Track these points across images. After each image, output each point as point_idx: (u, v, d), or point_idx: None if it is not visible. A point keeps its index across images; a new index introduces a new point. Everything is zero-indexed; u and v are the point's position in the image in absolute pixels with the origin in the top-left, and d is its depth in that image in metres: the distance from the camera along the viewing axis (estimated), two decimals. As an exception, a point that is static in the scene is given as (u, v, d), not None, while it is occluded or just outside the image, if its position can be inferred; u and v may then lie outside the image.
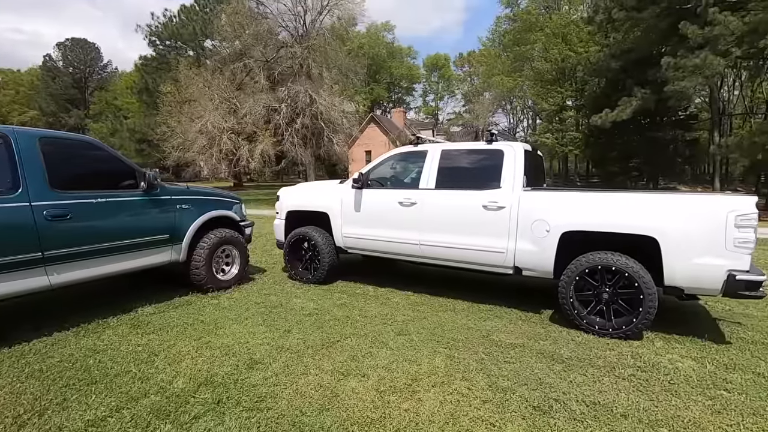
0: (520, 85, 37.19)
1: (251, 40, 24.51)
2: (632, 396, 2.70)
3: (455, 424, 2.38)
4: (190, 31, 35.63)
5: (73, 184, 3.84)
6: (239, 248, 5.36)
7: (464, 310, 4.53)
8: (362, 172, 5.22)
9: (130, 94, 44.81)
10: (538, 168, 5.32)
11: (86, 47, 58.49)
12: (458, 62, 63.84)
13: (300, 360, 3.22)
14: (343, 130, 25.27)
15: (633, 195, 3.91)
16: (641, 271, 3.61)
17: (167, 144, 24.51)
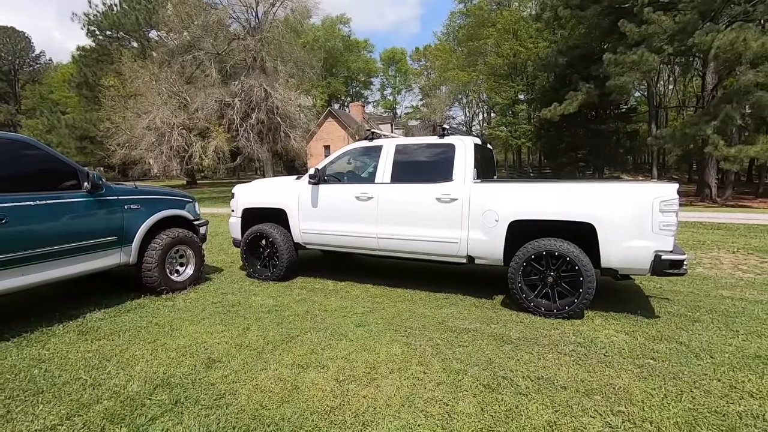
0: (474, 80, 38.16)
1: (200, 31, 23.56)
2: (572, 369, 2.94)
3: (411, 405, 2.51)
4: (132, 20, 33.63)
5: (7, 186, 3.62)
6: (194, 248, 5.24)
7: (422, 299, 4.69)
8: (318, 168, 5.24)
9: (68, 88, 41.72)
10: (489, 161, 5.55)
11: (15, 36, 53.92)
12: (415, 56, 64.42)
13: (259, 356, 3.24)
14: (300, 125, 24.90)
15: (572, 185, 4.20)
16: (581, 255, 3.90)
17: (112, 141, 23.18)
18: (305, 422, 2.36)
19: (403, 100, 69.08)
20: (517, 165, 44.09)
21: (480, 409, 2.46)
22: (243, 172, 44.70)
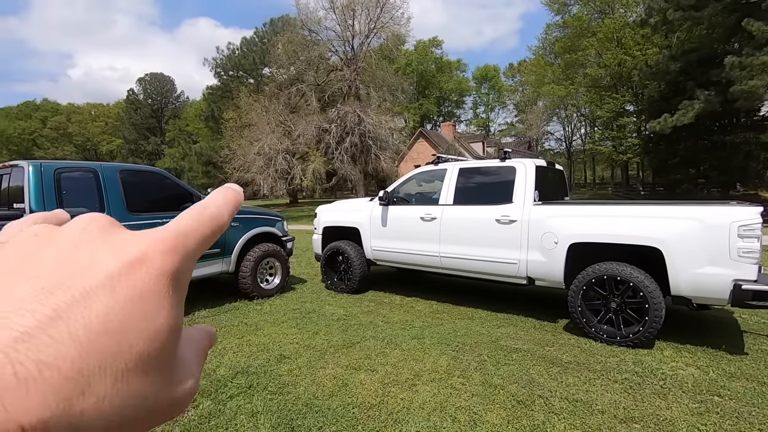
0: (572, 93, 36.08)
1: (304, 65, 26.25)
2: (616, 396, 2.88)
3: (442, 411, 2.73)
4: (250, 61, 38.65)
5: (145, 207, 4.69)
6: (281, 261, 6.02)
7: (481, 317, 4.80)
8: (387, 190, 5.70)
9: (199, 121, 49.13)
10: (557, 182, 5.49)
11: (163, 80, 65.10)
12: (509, 72, 63.09)
13: (321, 357, 3.71)
14: (389, 147, 26.05)
15: (637, 206, 4.02)
16: (646, 281, 3.72)
17: (229, 165, 26.64)
18: (346, 413, 2.73)
19: (496, 117, 67.81)
20: (625, 182, 40.14)
21: (507, 421, 2.59)
22: (340, 191, 47.71)
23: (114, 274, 0.20)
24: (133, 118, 61.23)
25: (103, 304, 0.19)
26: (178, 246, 0.22)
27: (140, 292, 0.20)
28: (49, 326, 0.17)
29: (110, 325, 0.18)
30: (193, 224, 0.23)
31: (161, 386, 0.21)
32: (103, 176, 4.37)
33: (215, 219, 0.24)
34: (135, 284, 0.20)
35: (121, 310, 0.19)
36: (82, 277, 0.19)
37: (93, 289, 0.19)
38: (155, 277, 0.20)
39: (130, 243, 0.21)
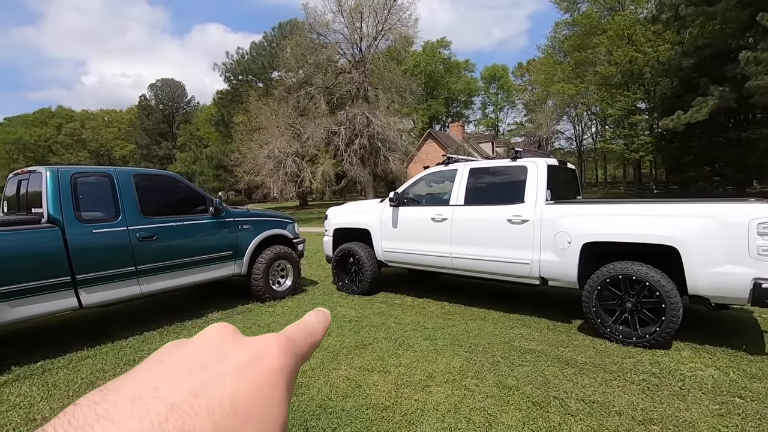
0: (582, 92, 35.71)
1: (312, 69, 26.40)
2: (634, 398, 2.83)
3: (456, 412, 2.71)
4: (259, 65, 38.95)
5: (158, 210, 4.75)
6: (292, 263, 6.05)
7: (494, 319, 4.77)
8: (398, 191, 5.70)
9: (209, 125, 49.63)
10: (569, 181, 5.43)
11: (174, 86, 65.91)
12: (517, 72, 62.71)
13: (334, 358, 3.72)
14: (398, 149, 26.05)
15: (652, 205, 3.96)
16: (663, 280, 3.66)
17: (240, 169, 26.87)
18: (360, 415, 2.73)
19: (505, 117, 67.40)
20: (637, 181, 39.58)
21: (522, 423, 2.56)
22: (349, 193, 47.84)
23: (241, 364, 0.24)
24: (145, 124, 62.08)
25: (233, 387, 0.23)
26: (289, 347, 0.27)
27: (261, 382, 0.24)
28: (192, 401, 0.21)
29: (237, 407, 0.22)
30: (298, 332, 0.29)
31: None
32: (117, 180, 4.44)
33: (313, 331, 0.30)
34: (257, 374, 0.24)
35: (246, 394, 0.23)
36: (217, 365, 0.24)
37: (225, 375, 0.23)
38: (272, 371, 0.25)
39: (253, 342, 0.26)
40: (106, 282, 4.20)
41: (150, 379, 0.22)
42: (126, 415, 0.19)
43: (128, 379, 0.22)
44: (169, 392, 0.21)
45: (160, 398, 0.20)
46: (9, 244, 3.63)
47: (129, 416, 0.19)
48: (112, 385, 0.21)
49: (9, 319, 3.59)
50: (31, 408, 3.01)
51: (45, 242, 3.83)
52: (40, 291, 3.74)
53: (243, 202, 39.20)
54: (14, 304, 3.60)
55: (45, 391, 3.27)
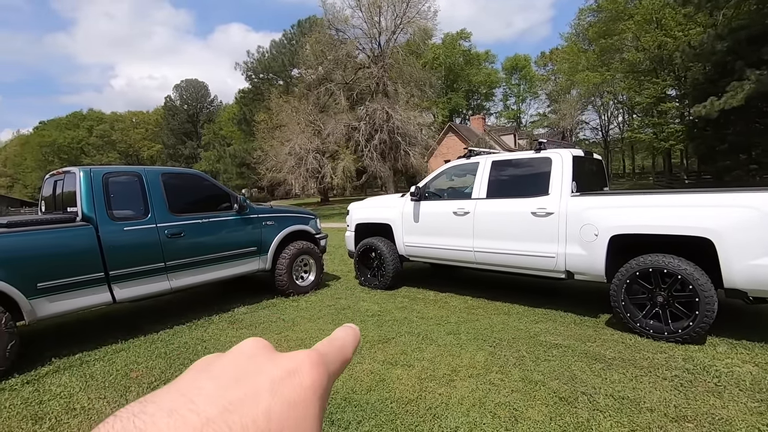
0: (608, 80, 34.60)
1: (332, 65, 26.48)
2: (667, 394, 2.75)
3: (481, 406, 2.69)
4: (279, 63, 39.37)
5: (185, 208, 4.87)
6: (315, 258, 6.12)
7: (518, 313, 4.70)
8: (419, 186, 5.67)
9: (232, 124, 50.55)
10: (595, 172, 5.28)
11: (197, 86, 67.32)
12: (540, 61, 61.29)
13: (358, 352, 3.72)
14: (419, 143, 25.90)
15: (684, 195, 3.81)
16: (696, 273, 3.53)
17: (262, 166, 27.29)
18: (384, 408, 2.74)
19: (528, 108, 66.06)
20: (667, 171, 38.17)
21: (549, 418, 2.52)
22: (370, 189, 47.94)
23: (276, 380, 0.25)
24: (171, 124, 63.71)
25: (267, 403, 0.23)
26: (321, 363, 0.27)
27: (295, 399, 0.24)
28: (227, 416, 0.21)
29: (271, 424, 0.22)
30: (329, 348, 0.30)
31: None
32: (146, 179, 4.57)
33: (343, 347, 0.31)
34: (291, 391, 0.24)
35: (280, 411, 0.23)
36: (252, 380, 0.24)
37: (259, 391, 0.24)
38: (306, 388, 0.25)
39: (287, 358, 0.27)
40: (137, 278, 4.34)
41: (187, 392, 0.22)
42: (163, 428, 0.20)
43: (166, 392, 0.22)
44: (206, 407, 0.22)
45: (196, 412, 0.21)
46: (47, 242, 3.80)
47: (165, 428, 0.20)
48: (151, 398, 0.22)
49: (48, 313, 3.76)
50: (71, 398, 3.16)
51: (80, 240, 3.99)
52: (76, 287, 3.91)
53: (265, 198, 39.85)
54: (53, 299, 3.77)
55: (83, 382, 3.42)
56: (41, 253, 3.74)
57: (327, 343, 0.30)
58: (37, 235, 3.79)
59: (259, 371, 0.25)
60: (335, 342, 0.31)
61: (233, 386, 0.24)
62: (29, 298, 3.61)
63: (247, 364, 0.26)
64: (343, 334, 0.32)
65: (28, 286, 3.60)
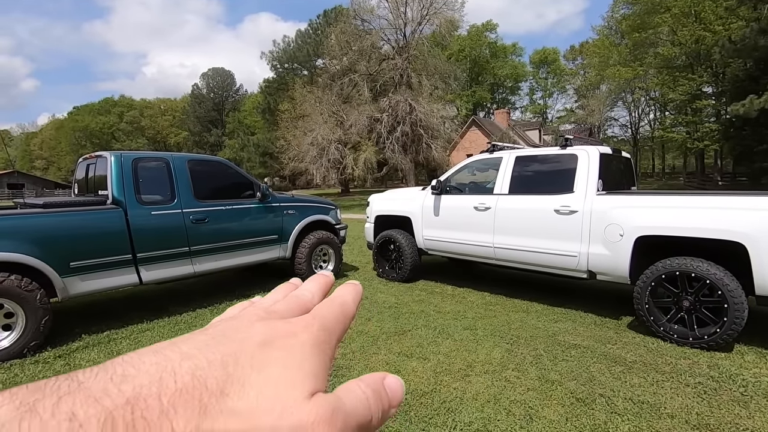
0: (640, 75, 33.39)
1: (356, 55, 26.42)
2: (689, 401, 2.68)
3: (496, 403, 2.69)
4: (304, 53, 39.51)
5: (209, 195, 4.98)
6: (334, 248, 6.18)
7: (537, 311, 4.65)
8: (440, 179, 5.63)
9: (256, 114, 51.16)
10: (623, 171, 5.14)
11: (224, 75, 68.34)
12: (569, 55, 59.63)
13: (374, 343, 3.78)
14: (441, 136, 25.67)
15: (716, 197, 3.67)
16: (726, 279, 3.41)
17: (284, 156, 27.61)
18: (399, 399, 2.76)
19: (554, 103, 64.53)
20: (699, 171, 36.73)
21: (565, 418, 2.50)
22: (390, 181, 47.89)
23: (268, 337, 0.25)
24: (197, 112, 64.94)
25: (253, 349, 0.24)
26: (316, 324, 0.27)
27: (285, 347, 0.25)
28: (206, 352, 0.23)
29: (254, 361, 0.23)
30: (329, 309, 0.30)
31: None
32: (173, 166, 4.69)
33: (343, 303, 0.31)
34: (283, 343, 0.25)
35: (267, 355, 0.24)
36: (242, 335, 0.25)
37: (248, 340, 0.24)
38: (300, 343, 0.25)
39: (285, 323, 0.27)
40: (163, 261, 4.48)
41: (177, 341, 0.24)
42: (146, 361, 0.22)
43: (159, 343, 0.24)
44: (189, 347, 0.23)
45: (178, 351, 0.22)
46: (79, 224, 3.96)
47: (148, 362, 0.22)
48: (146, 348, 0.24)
49: (79, 291, 3.93)
50: (99, 373, 3.30)
51: (110, 223, 4.13)
52: (105, 267, 4.06)
53: (287, 188, 40.32)
54: (84, 279, 3.93)
55: (110, 359, 3.56)
56: (74, 233, 3.89)
57: (327, 304, 0.30)
58: (70, 217, 3.95)
59: (253, 330, 0.26)
60: (335, 300, 0.31)
61: (222, 338, 0.24)
62: (62, 276, 3.77)
63: (245, 325, 0.26)
64: (342, 291, 0.32)
65: (61, 265, 3.76)
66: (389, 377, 0.28)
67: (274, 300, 0.32)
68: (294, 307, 0.30)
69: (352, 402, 0.25)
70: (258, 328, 0.26)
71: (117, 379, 0.20)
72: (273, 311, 0.29)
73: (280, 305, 0.30)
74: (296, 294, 0.32)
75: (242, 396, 0.21)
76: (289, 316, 0.28)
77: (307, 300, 0.31)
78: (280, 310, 0.29)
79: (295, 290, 0.33)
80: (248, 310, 0.29)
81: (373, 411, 0.26)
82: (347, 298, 0.31)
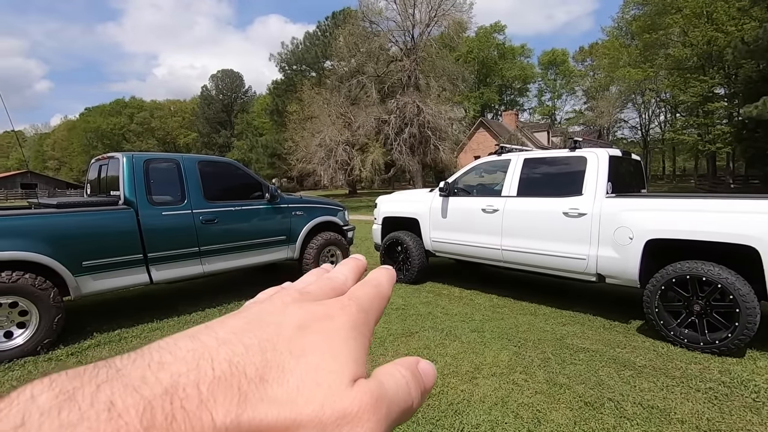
0: (651, 77, 33.07)
1: (364, 57, 26.48)
2: (699, 406, 2.65)
3: (503, 406, 2.68)
4: (312, 55, 39.69)
5: (219, 195, 5.03)
6: (342, 249, 6.20)
7: (545, 314, 4.62)
8: (448, 181, 5.63)
9: (264, 115, 51.47)
10: (633, 173, 5.10)
11: (233, 76, 68.86)
12: (578, 56, 59.24)
13: (381, 344, 3.79)
14: (449, 138, 25.62)
15: (727, 200, 3.62)
16: (738, 283, 3.37)
17: (292, 157, 27.72)
18: (407, 401, 2.77)
19: (563, 105, 64.11)
20: (711, 174, 36.27)
21: (573, 422, 2.48)
22: (398, 182, 47.88)
23: (304, 320, 0.25)
24: (206, 113, 65.50)
25: (290, 332, 0.24)
26: (353, 305, 0.27)
27: (322, 332, 0.24)
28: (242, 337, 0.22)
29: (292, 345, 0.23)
30: (364, 290, 0.29)
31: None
32: (184, 167, 4.74)
33: (379, 284, 0.31)
34: (320, 326, 0.24)
35: (304, 339, 0.23)
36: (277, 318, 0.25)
37: (284, 324, 0.24)
38: (337, 327, 0.25)
39: (320, 305, 0.27)
40: (173, 260, 4.53)
41: (212, 325, 0.24)
42: (182, 347, 0.21)
43: (196, 328, 0.24)
44: (225, 332, 0.22)
45: (214, 337, 0.22)
46: (92, 224, 4.02)
47: (184, 348, 0.21)
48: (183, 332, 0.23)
49: (92, 290, 3.99)
50: (110, 371, 3.34)
51: (121, 223, 4.19)
52: (117, 266, 4.12)
53: (295, 189, 40.53)
54: (96, 278, 3.99)
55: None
56: (87, 233, 3.96)
57: (362, 285, 0.30)
58: (83, 217, 4.01)
59: (288, 312, 0.25)
60: (371, 281, 0.31)
61: (257, 321, 0.24)
62: (75, 275, 3.83)
63: (279, 308, 0.26)
64: (377, 274, 0.32)
65: (74, 264, 3.82)
66: (422, 362, 0.28)
67: (307, 283, 0.31)
68: (328, 290, 0.29)
69: (393, 387, 0.24)
70: (293, 310, 0.25)
71: (154, 367, 0.20)
72: (307, 293, 0.28)
73: (312, 287, 0.29)
74: (329, 276, 0.32)
75: (282, 383, 0.21)
76: (323, 298, 0.28)
77: (341, 282, 0.31)
78: (313, 292, 0.29)
79: (328, 273, 0.33)
80: (281, 293, 0.28)
81: (413, 395, 0.25)
82: (382, 279, 0.31)
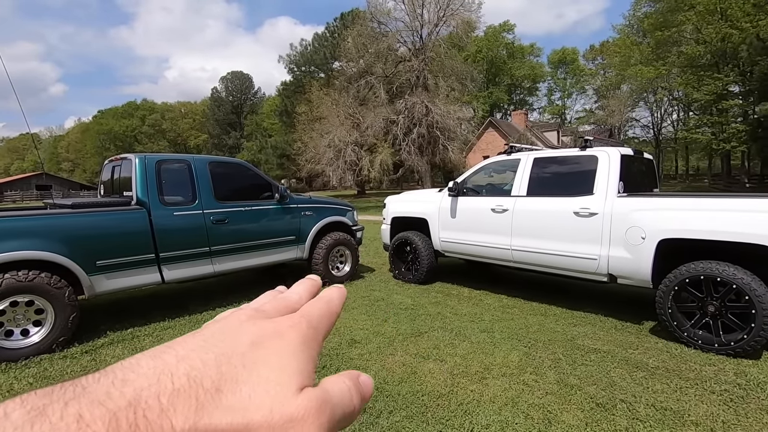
0: (663, 75, 32.58)
1: (373, 58, 26.51)
2: (714, 408, 2.61)
3: (514, 406, 2.66)
4: (321, 56, 39.84)
5: (230, 196, 5.07)
6: (351, 249, 6.21)
7: (555, 315, 4.58)
8: (457, 181, 5.62)
9: (273, 116, 51.78)
10: (645, 172, 5.03)
11: (242, 78, 69.41)
12: (589, 55, 58.64)
13: (390, 344, 3.79)
14: (458, 138, 25.55)
15: (740, 199, 3.56)
16: (753, 283, 3.31)
17: (301, 158, 27.83)
18: (416, 401, 2.77)
19: (573, 104, 63.52)
20: (725, 173, 35.63)
21: (584, 423, 2.46)
22: (406, 183, 47.82)
23: (257, 336, 0.27)
24: (217, 115, 66.10)
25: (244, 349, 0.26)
26: (303, 321, 0.29)
27: (276, 350, 0.26)
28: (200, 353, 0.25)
29: (246, 360, 0.25)
30: (314, 307, 0.32)
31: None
32: (195, 167, 4.80)
33: (330, 300, 0.33)
34: (271, 343, 0.27)
35: (256, 354, 0.26)
36: (234, 335, 0.27)
37: (239, 342, 0.26)
38: (286, 343, 0.27)
39: (273, 322, 0.29)
40: (184, 260, 4.58)
41: (173, 344, 0.26)
42: (144, 365, 0.23)
43: (157, 347, 0.26)
44: (184, 350, 0.25)
45: (174, 354, 0.24)
46: (105, 224, 4.09)
47: (146, 366, 0.23)
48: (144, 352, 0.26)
49: (106, 289, 4.05)
50: (124, 369, 3.39)
51: (134, 223, 4.25)
52: (130, 266, 4.18)
53: (304, 189, 40.71)
54: (110, 277, 4.05)
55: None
56: (100, 233, 4.02)
57: (314, 302, 0.32)
58: (97, 217, 4.08)
59: (243, 330, 0.27)
60: (323, 298, 0.33)
61: (214, 339, 0.26)
62: (89, 274, 3.89)
63: (235, 326, 0.28)
64: (329, 291, 0.34)
65: (88, 263, 3.89)
66: (363, 375, 0.31)
67: (262, 302, 0.33)
68: (281, 308, 0.31)
69: (337, 394, 0.27)
70: (247, 328, 0.27)
71: (118, 383, 0.22)
72: (261, 311, 0.30)
73: (267, 306, 0.31)
74: (284, 296, 0.34)
75: (236, 393, 0.23)
76: (276, 316, 0.30)
77: (294, 301, 0.33)
78: (268, 310, 0.31)
79: (282, 294, 0.35)
80: (237, 312, 0.30)
81: (354, 402, 0.28)
82: (333, 296, 0.34)
